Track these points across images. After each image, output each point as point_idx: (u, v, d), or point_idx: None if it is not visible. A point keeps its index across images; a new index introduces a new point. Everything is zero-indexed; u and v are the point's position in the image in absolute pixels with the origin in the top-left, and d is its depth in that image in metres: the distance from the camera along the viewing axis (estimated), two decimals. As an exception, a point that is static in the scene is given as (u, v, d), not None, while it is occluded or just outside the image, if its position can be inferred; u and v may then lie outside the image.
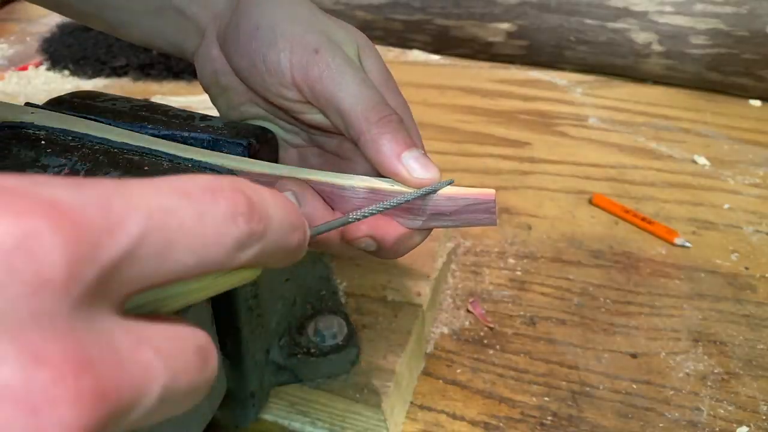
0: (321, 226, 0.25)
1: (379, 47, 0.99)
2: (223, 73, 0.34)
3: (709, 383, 0.46)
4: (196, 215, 0.15)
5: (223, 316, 0.33)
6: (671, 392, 0.45)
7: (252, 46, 0.31)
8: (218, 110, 0.37)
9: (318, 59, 0.30)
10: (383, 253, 0.30)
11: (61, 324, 0.12)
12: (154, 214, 0.14)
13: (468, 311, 0.51)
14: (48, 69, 0.87)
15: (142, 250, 0.14)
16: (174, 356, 0.14)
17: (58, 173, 0.28)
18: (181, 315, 0.18)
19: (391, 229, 0.30)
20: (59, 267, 0.12)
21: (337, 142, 0.35)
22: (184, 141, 0.31)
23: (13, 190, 0.12)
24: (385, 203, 0.27)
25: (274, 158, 0.35)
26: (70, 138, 0.30)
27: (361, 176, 0.29)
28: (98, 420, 0.12)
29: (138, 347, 0.13)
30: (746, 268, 0.55)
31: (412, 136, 0.30)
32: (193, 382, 0.14)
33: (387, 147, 0.28)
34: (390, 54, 0.89)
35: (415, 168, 0.28)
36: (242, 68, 0.32)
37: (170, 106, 0.35)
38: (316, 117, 0.32)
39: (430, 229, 0.31)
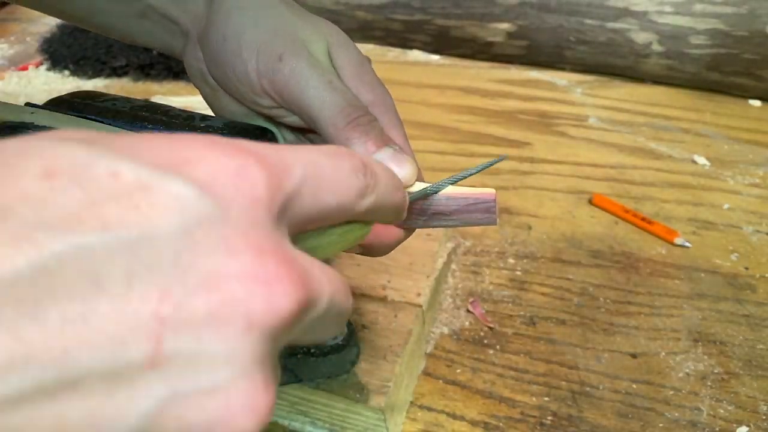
0: (415, 193, 0.28)
1: (379, 47, 0.99)
2: (210, 74, 0.34)
3: (709, 383, 0.46)
4: (333, 168, 0.19)
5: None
6: (671, 392, 0.45)
7: (221, 58, 0.31)
8: (211, 109, 0.37)
9: (282, 66, 0.29)
10: (373, 252, 0.31)
11: (270, 231, 0.16)
12: (308, 164, 0.18)
13: (468, 311, 0.51)
14: (48, 69, 0.87)
15: (304, 188, 0.18)
16: (333, 281, 0.18)
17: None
18: None
19: (390, 232, 0.30)
20: (264, 190, 0.16)
21: (322, 140, 0.35)
22: (184, 141, 0.31)
23: (225, 142, 0.17)
24: (468, 171, 0.29)
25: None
26: (70, 138, 0.30)
27: None
28: (303, 301, 0.16)
29: (311, 264, 0.17)
30: (746, 268, 0.55)
31: (390, 129, 0.30)
32: (344, 306, 0.18)
33: (357, 151, 0.28)
34: (390, 54, 0.89)
35: (392, 164, 0.29)
36: (217, 77, 0.33)
37: (170, 106, 0.35)
38: (295, 119, 0.32)
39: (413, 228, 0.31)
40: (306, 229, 0.19)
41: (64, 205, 0.13)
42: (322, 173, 0.19)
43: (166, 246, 0.14)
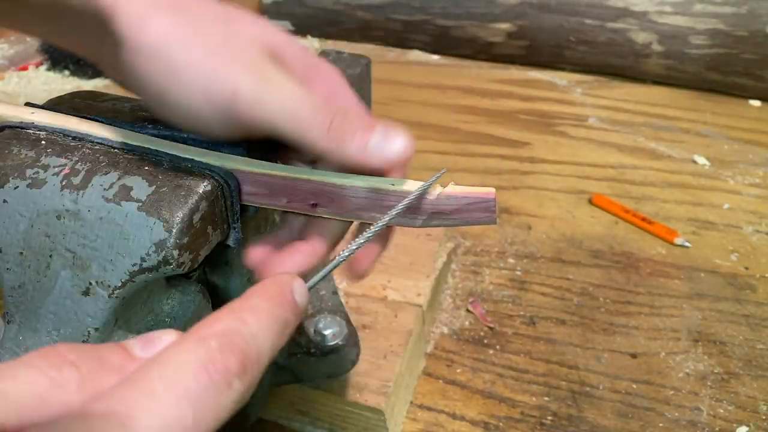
0: (315, 278, 0.25)
1: (379, 47, 0.99)
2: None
3: (709, 383, 0.46)
4: (202, 410, 0.16)
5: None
6: (671, 392, 0.45)
7: (164, 114, 0.29)
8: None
9: (238, 103, 0.27)
10: (354, 275, 0.30)
11: None
12: (189, 411, 0.16)
13: (468, 311, 0.51)
14: (48, 69, 0.87)
15: None
16: None
17: (58, 173, 0.28)
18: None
19: (369, 252, 0.30)
20: None
21: None
22: (184, 141, 0.31)
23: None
24: (367, 233, 0.27)
25: (274, 158, 0.35)
26: (70, 138, 0.30)
27: (362, 176, 0.29)
28: None
29: None
30: (746, 268, 0.55)
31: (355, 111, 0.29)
32: None
33: (352, 152, 0.27)
34: (390, 54, 0.89)
35: (382, 152, 0.27)
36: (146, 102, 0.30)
37: (170, 106, 0.35)
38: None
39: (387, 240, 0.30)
40: None
41: None
42: (203, 410, 0.16)
43: None
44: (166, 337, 0.19)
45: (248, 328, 0.18)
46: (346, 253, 0.26)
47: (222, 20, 0.28)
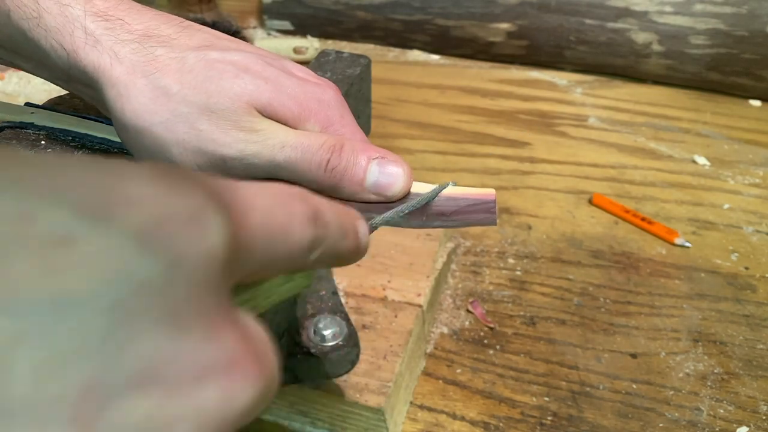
0: (376, 220, 0.27)
1: (379, 47, 0.99)
2: None
3: (709, 383, 0.46)
4: (286, 215, 0.17)
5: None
6: (671, 392, 0.45)
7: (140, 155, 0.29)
8: None
9: (230, 166, 0.27)
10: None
11: (223, 297, 0.14)
12: (264, 210, 0.16)
13: (468, 311, 0.51)
14: (48, 69, 0.87)
15: (257, 239, 0.15)
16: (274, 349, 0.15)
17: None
18: None
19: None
20: (222, 243, 0.13)
21: None
22: (184, 141, 0.31)
23: (174, 173, 0.13)
24: (413, 202, 0.28)
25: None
26: (70, 138, 0.30)
27: None
28: (262, 387, 0.13)
29: (261, 333, 0.15)
30: (746, 268, 0.55)
31: (345, 126, 0.29)
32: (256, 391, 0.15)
33: (351, 191, 0.28)
34: (390, 54, 0.89)
35: (378, 189, 0.28)
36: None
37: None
38: None
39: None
40: (245, 281, 0.16)
41: None
42: (275, 221, 0.16)
43: (91, 323, 0.11)
44: None
45: (324, 202, 0.19)
46: (405, 210, 0.27)
47: (202, 78, 0.27)
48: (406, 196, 0.29)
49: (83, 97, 0.31)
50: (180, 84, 0.27)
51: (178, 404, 0.11)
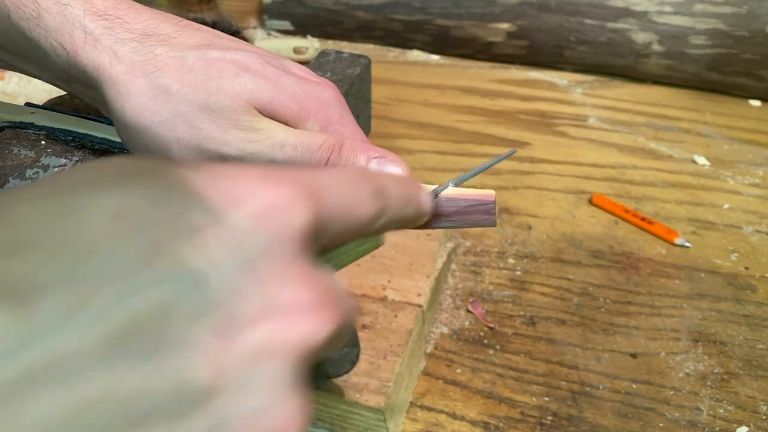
0: (438, 188, 0.28)
1: (379, 47, 0.99)
2: None
3: (709, 383, 0.46)
4: (356, 193, 0.21)
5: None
6: (671, 392, 0.45)
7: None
8: None
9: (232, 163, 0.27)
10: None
11: (310, 259, 0.18)
12: (338, 191, 0.20)
13: (468, 311, 0.51)
14: (48, 69, 0.87)
15: (334, 215, 0.19)
16: (349, 299, 0.19)
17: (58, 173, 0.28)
18: None
19: None
20: (308, 220, 0.18)
21: None
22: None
23: (273, 174, 0.18)
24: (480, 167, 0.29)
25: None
26: (70, 138, 0.30)
27: None
28: (340, 324, 0.18)
29: (337, 287, 0.19)
30: (746, 268, 0.55)
31: (344, 125, 0.30)
32: (353, 323, 0.20)
33: None
34: (390, 54, 0.89)
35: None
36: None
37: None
38: None
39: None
40: (327, 247, 0.21)
41: (136, 246, 0.14)
42: (347, 201, 0.20)
43: (230, 279, 0.15)
44: None
45: (386, 177, 0.23)
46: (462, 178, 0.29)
47: (202, 77, 0.27)
48: None
49: (83, 98, 0.31)
50: (180, 83, 0.27)
51: (286, 333, 0.16)
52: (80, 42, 0.27)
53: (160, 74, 0.27)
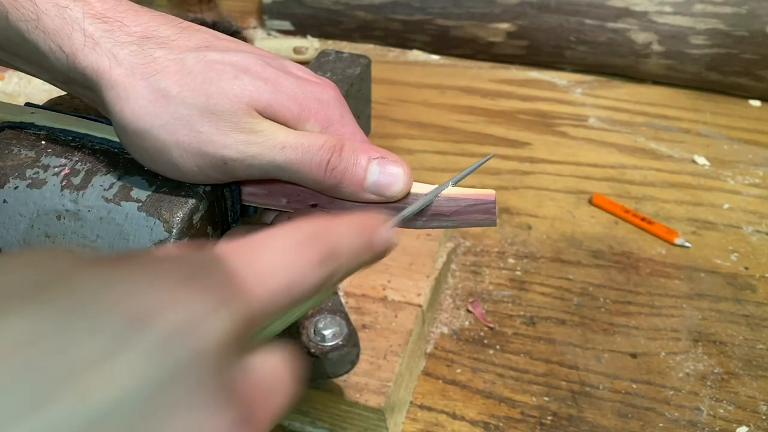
0: (397, 217, 0.27)
1: (379, 47, 0.98)
2: None
3: (709, 383, 0.46)
4: (300, 265, 0.20)
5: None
6: (671, 392, 0.45)
7: (152, 166, 0.29)
8: None
9: (230, 168, 0.27)
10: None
11: (237, 369, 0.17)
12: (281, 271, 0.19)
13: (468, 311, 0.51)
14: (48, 69, 0.87)
15: (276, 300, 0.19)
16: (284, 392, 0.19)
17: (58, 173, 0.28)
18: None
19: None
20: (234, 332, 0.17)
21: None
22: (184, 141, 0.31)
23: (194, 280, 0.17)
24: (426, 197, 0.28)
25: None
26: (70, 138, 0.30)
27: None
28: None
29: (271, 387, 0.18)
30: (746, 268, 0.55)
31: (345, 126, 0.29)
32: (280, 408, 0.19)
33: (350, 191, 0.28)
34: (390, 54, 0.89)
35: (379, 190, 0.28)
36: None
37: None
38: None
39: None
40: (274, 318, 0.20)
41: (28, 386, 0.13)
42: (290, 278, 0.19)
43: (138, 410, 0.14)
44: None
45: (338, 229, 0.21)
46: (427, 198, 0.28)
47: (201, 80, 0.27)
48: (407, 196, 0.29)
49: (83, 99, 0.31)
50: (179, 86, 0.27)
51: None
52: (79, 45, 0.27)
53: (159, 77, 0.27)
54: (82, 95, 0.30)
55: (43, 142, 0.30)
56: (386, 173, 0.28)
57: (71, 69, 0.28)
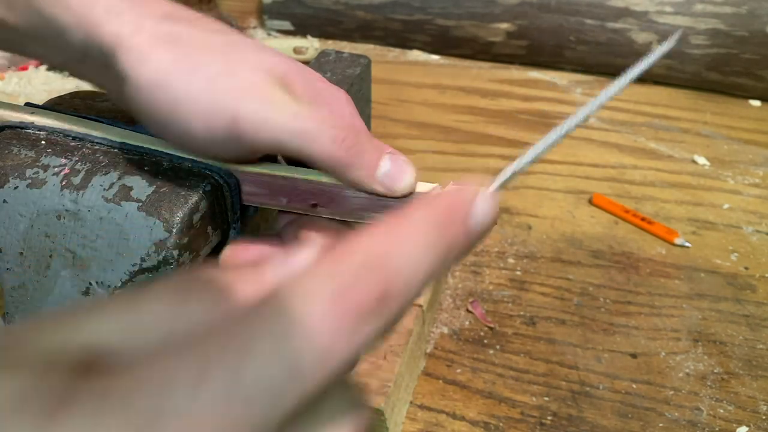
0: (502, 175, 0.23)
1: (379, 47, 0.99)
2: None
3: (709, 383, 0.46)
4: (326, 355, 0.14)
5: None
6: (671, 392, 0.45)
7: (172, 142, 0.29)
8: None
9: (239, 126, 0.27)
10: None
11: None
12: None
13: (468, 311, 0.51)
14: (48, 69, 0.87)
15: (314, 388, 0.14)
16: None
17: (58, 173, 0.28)
18: None
19: None
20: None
21: None
22: (184, 141, 0.31)
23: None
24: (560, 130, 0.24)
25: (274, 158, 0.35)
26: (70, 138, 0.30)
27: None
28: None
29: None
30: (746, 268, 0.55)
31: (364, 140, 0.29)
32: None
33: (361, 175, 0.27)
34: (390, 54, 0.89)
35: (390, 181, 0.28)
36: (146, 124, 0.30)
37: (170, 106, 0.35)
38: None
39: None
40: None
41: None
42: (328, 354, 0.15)
43: None
44: (304, 254, 0.17)
45: (401, 247, 0.16)
46: (534, 153, 0.24)
47: (223, 50, 0.28)
48: (408, 195, 0.29)
49: (93, 84, 0.31)
50: (201, 53, 0.27)
51: None
52: (101, 16, 0.27)
53: (182, 45, 0.27)
54: (94, 76, 0.30)
55: (43, 142, 0.30)
56: (398, 165, 0.28)
57: (89, 43, 0.28)
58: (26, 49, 0.31)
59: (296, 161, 0.29)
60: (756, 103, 0.79)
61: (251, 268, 0.18)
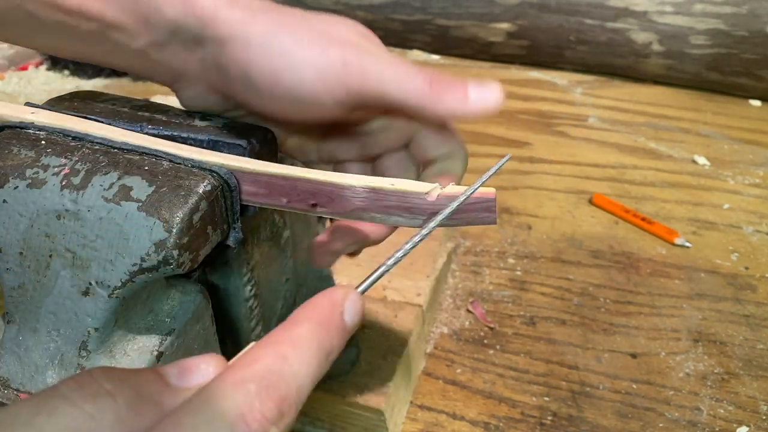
0: (363, 284, 0.26)
1: (379, 47, 0.97)
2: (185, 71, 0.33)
3: (709, 383, 0.46)
4: None
5: (224, 316, 0.33)
6: (671, 392, 0.45)
7: (273, 103, 0.30)
8: (178, 99, 0.36)
9: (348, 72, 0.29)
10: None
11: None
12: None
13: (468, 311, 0.51)
14: (48, 69, 0.87)
15: None
16: None
17: (58, 173, 0.28)
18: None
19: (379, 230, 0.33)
20: None
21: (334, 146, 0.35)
22: (184, 141, 0.31)
23: None
24: (408, 245, 0.26)
25: (274, 158, 0.35)
26: (70, 138, 0.30)
27: (361, 176, 0.29)
28: None
29: None
30: (746, 268, 0.55)
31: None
32: None
33: (454, 104, 0.30)
34: (390, 54, 0.89)
35: (483, 101, 0.30)
36: (253, 104, 0.32)
37: (170, 106, 0.35)
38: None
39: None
40: None
41: None
42: None
43: None
44: (204, 366, 0.19)
45: (289, 366, 0.19)
46: (399, 255, 0.26)
47: (314, 19, 0.31)
48: (401, 196, 0.29)
49: (173, 63, 0.32)
50: (294, 17, 0.30)
51: None
52: None
53: (275, 11, 0.30)
54: (177, 54, 0.31)
55: (43, 142, 0.30)
56: (485, 87, 0.30)
57: (184, 17, 0.29)
58: (106, 41, 0.31)
59: (388, 107, 0.31)
60: (756, 103, 0.79)
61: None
